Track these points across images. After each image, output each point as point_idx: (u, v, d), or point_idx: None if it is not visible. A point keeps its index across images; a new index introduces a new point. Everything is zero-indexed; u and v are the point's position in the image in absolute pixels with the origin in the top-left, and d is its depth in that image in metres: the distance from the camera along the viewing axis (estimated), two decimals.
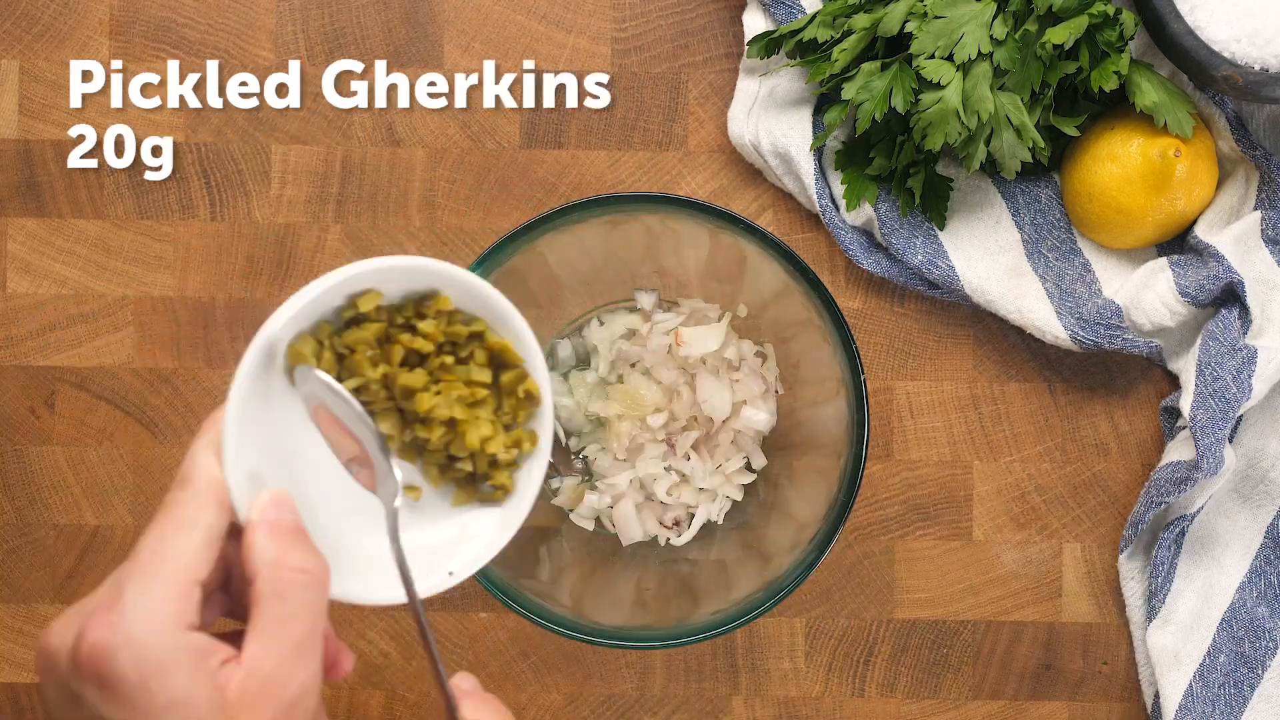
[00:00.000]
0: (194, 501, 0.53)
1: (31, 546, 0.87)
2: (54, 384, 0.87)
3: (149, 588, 0.50)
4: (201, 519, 0.52)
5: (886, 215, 0.83)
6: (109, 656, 0.49)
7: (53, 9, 0.87)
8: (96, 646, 0.49)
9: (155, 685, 0.49)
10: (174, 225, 0.87)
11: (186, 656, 0.50)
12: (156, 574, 0.51)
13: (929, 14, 0.77)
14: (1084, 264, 0.85)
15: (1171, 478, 0.82)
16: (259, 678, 0.51)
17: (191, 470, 0.54)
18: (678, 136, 0.87)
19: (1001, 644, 0.87)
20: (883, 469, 0.87)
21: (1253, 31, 0.76)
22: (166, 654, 0.49)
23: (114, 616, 0.49)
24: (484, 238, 0.87)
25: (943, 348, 0.87)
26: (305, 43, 0.87)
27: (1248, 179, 0.83)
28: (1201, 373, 0.81)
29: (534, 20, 0.87)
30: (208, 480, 0.53)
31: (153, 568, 0.51)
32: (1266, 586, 0.85)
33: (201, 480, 0.53)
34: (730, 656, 0.87)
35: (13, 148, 0.87)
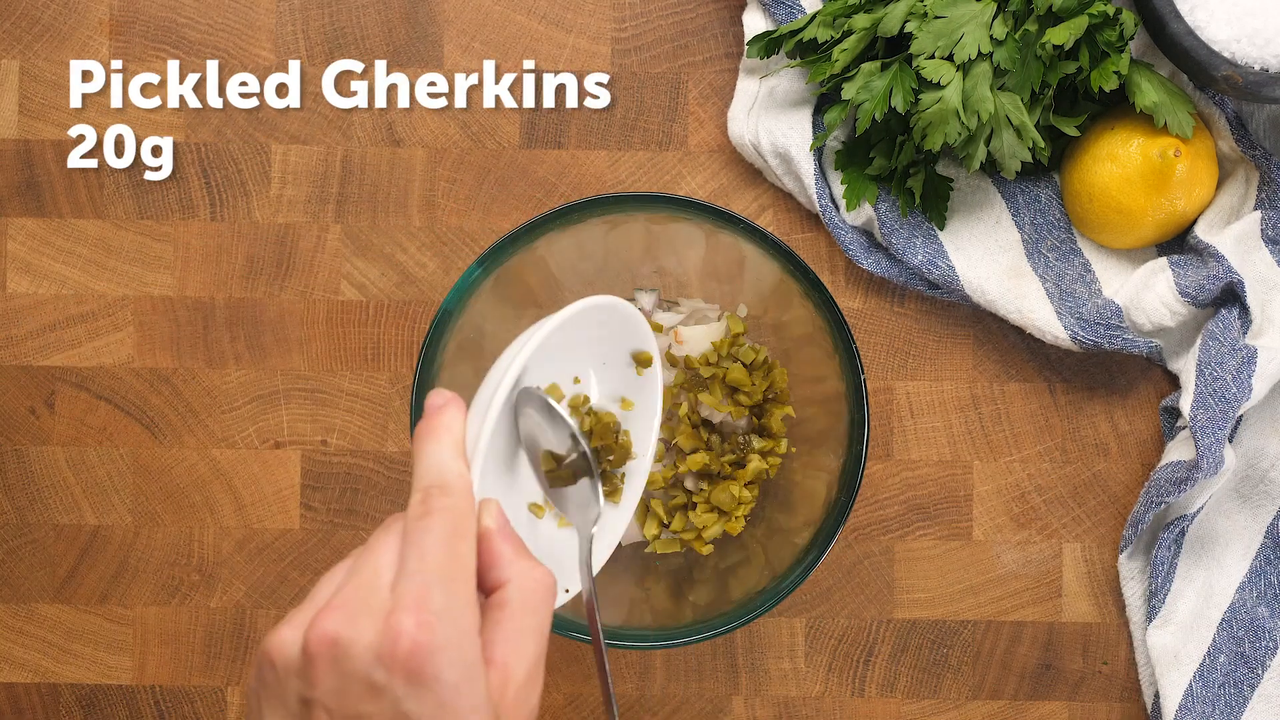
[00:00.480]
0: (466, 510, 0.54)
1: (31, 546, 0.87)
2: (54, 384, 0.87)
3: (455, 593, 0.52)
4: (471, 526, 0.54)
5: (886, 215, 0.83)
6: (431, 656, 0.50)
7: (53, 9, 0.87)
8: (420, 646, 0.50)
9: (466, 688, 0.51)
10: (174, 225, 0.87)
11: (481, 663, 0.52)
12: (456, 580, 0.52)
13: (929, 14, 0.77)
14: (1084, 264, 0.85)
15: (1171, 478, 0.82)
16: (514, 685, 0.53)
17: (448, 477, 0.55)
18: (678, 136, 0.87)
19: (1001, 644, 0.87)
20: (883, 469, 0.87)
21: (1253, 31, 0.76)
22: (476, 660, 0.51)
23: (432, 619, 0.50)
24: (484, 238, 0.87)
25: (943, 348, 0.87)
26: (305, 43, 0.87)
27: (1248, 179, 0.82)
28: (1201, 373, 0.81)
29: (534, 20, 0.87)
30: (467, 486, 0.55)
31: (451, 574, 0.52)
32: (1266, 586, 0.85)
33: (463, 487, 0.55)
34: (730, 656, 0.87)
35: (13, 148, 0.87)
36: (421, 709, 0.50)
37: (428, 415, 0.58)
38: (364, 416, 0.87)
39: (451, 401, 0.58)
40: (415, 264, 0.87)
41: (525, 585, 0.55)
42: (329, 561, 0.87)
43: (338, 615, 0.52)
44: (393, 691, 0.50)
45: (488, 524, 0.56)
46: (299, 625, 0.52)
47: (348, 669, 0.51)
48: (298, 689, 0.52)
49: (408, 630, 0.50)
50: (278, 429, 0.87)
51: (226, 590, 0.87)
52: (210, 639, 0.87)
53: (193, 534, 0.87)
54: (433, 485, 0.55)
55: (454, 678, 0.50)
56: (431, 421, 0.57)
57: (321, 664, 0.51)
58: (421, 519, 0.53)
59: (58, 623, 0.87)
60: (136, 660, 0.87)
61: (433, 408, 0.58)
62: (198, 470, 0.87)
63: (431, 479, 0.55)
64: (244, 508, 0.87)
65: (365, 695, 0.51)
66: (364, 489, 0.87)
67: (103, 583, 0.87)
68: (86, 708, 0.87)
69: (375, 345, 0.87)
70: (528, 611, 0.54)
